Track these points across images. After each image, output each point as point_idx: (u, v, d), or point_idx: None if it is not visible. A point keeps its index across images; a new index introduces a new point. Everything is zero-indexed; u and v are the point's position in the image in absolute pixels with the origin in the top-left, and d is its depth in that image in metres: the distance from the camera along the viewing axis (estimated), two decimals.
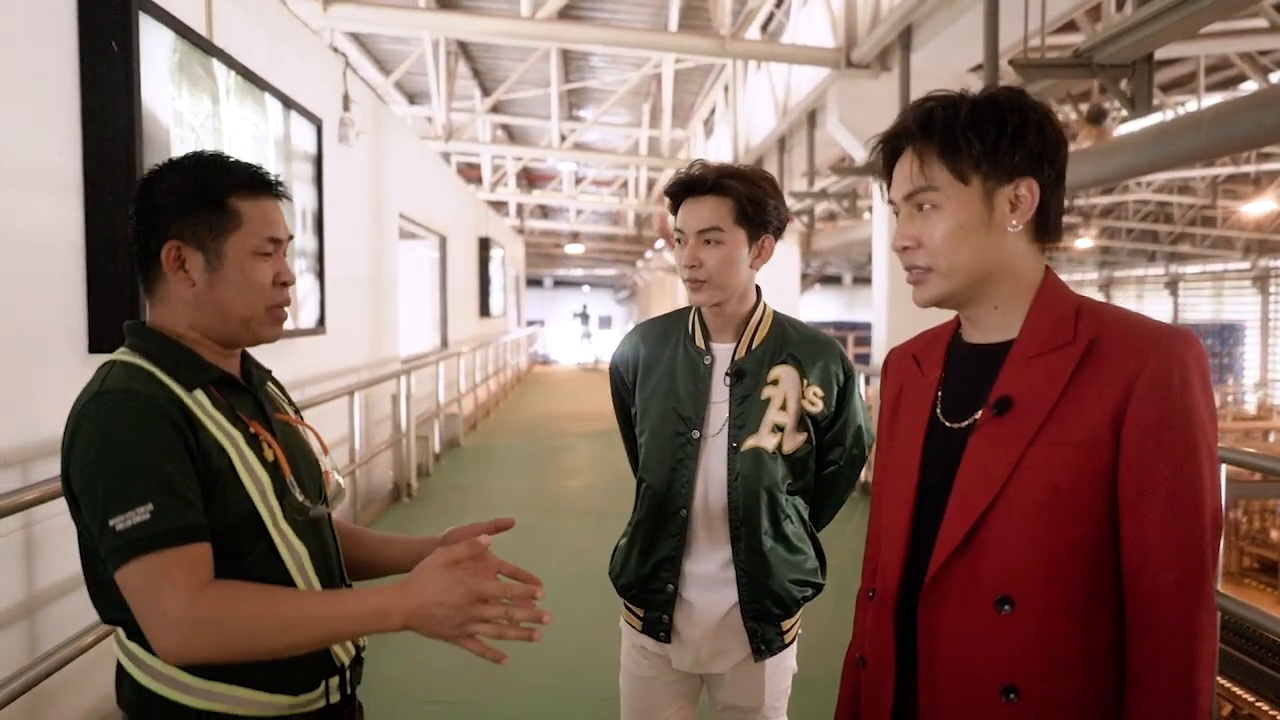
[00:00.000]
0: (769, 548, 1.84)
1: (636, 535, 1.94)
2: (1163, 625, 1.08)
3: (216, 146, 3.78)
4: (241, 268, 1.31)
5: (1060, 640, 1.12)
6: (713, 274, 1.81)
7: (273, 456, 1.32)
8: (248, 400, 1.37)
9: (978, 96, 1.20)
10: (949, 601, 1.17)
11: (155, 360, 1.28)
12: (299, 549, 1.31)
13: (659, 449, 1.89)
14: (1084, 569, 1.12)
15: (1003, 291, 1.21)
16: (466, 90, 14.90)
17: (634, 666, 1.97)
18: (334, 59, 6.33)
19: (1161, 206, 26.33)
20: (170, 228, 1.30)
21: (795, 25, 9.65)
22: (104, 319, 3.11)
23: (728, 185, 1.80)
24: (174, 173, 1.33)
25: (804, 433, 1.86)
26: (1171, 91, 14.45)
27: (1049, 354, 1.15)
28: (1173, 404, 1.09)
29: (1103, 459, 1.11)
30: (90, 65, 3.08)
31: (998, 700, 1.13)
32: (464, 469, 8.78)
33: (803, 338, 1.92)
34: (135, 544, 1.14)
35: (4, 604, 2.73)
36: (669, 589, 1.87)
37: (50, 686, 2.73)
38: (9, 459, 2.73)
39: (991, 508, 1.14)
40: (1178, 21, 3.58)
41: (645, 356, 1.98)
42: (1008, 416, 1.15)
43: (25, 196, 2.82)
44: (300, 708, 1.29)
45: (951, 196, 1.18)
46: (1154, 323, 1.15)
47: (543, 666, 3.91)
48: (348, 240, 6.33)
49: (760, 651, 1.87)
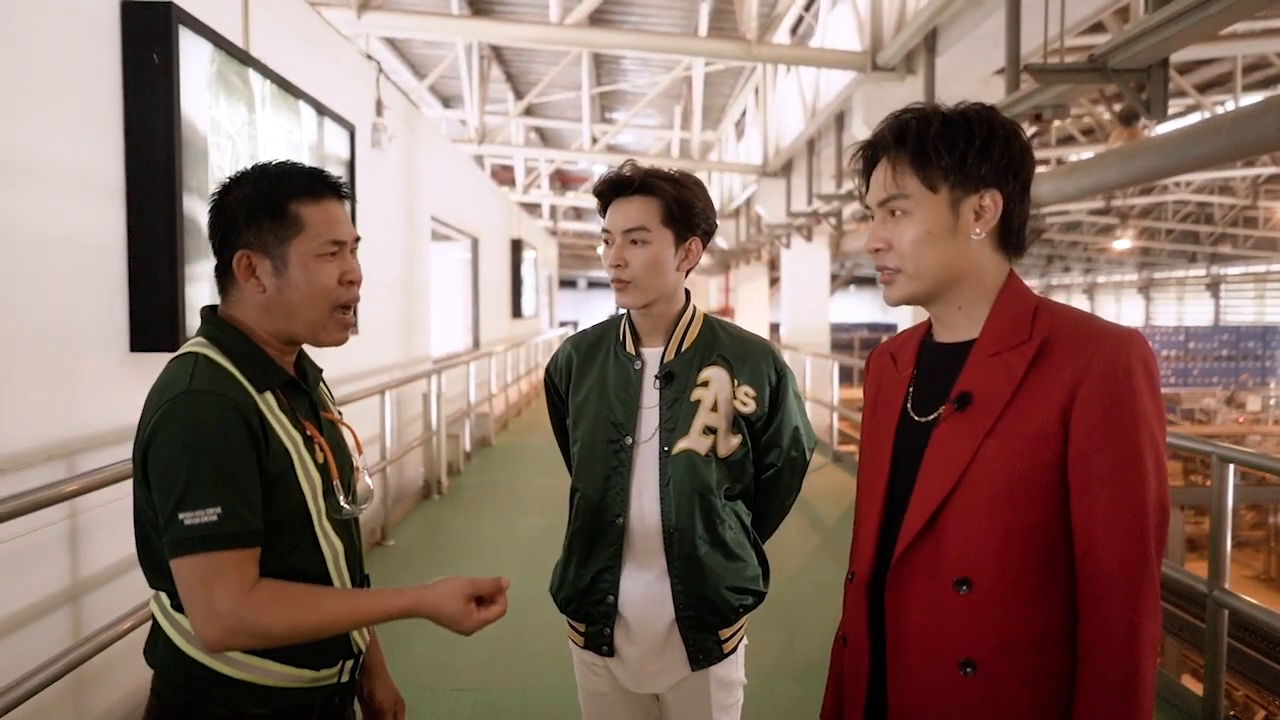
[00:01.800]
0: (704, 553, 1.80)
1: (573, 547, 1.91)
2: (1107, 605, 1.16)
3: (252, 154, 3.94)
4: (306, 271, 1.38)
5: (1014, 618, 1.20)
6: (638, 275, 1.78)
7: (323, 459, 1.42)
8: (304, 401, 1.46)
9: (949, 111, 1.28)
10: (913, 582, 1.26)
11: (231, 356, 1.36)
12: (337, 545, 1.43)
13: (592, 457, 1.87)
14: (1037, 553, 1.20)
15: (966, 293, 1.29)
16: (500, 94, 15.08)
17: (586, 683, 1.95)
18: (367, 65, 6.48)
19: (1202, 207, 25.96)
20: (240, 237, 1.38)
21: (824, 28, 9.70)
22: (144, 319, 3.25)
23: (655, 186, 1.79)
24: (241, 184, 1.41)
25: (738, 434, 1.83)
26: (1209, 91, 14.31)
27: (1006, 352, 1.24)
28: (1117, 399, 1.16)
29: (1053, 450, 1.19)
30: (132, 76, 3.23)
31: (956, 673, 1.22)
32: (494, 467, 8.92)
33: (733, 339, 1.89)
34: (200, 541, 1.25)
35: (50, 590, 2.87)
36: (609, 600, 1.84)
37: (92, 668, 2.88)
38: (55, 452, 2.88)
39: (951, 496, 1.22)
40: (1192, 26, 3.60)
41: (578, 364, 1.96)
42: (968, 411, 1.24)
43: (72, 202, 2.97)
44: (319, 681, 1.41)
45: (921, 204, 1.26)
46: (1103, 323, 1.23)
47: (562, 659, 4.02)
48: (380, 243, 6.47)
49: (698, 661, 1.83)
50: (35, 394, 2.81)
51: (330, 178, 1.45)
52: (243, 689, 1.35)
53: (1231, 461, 3.10)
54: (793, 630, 4.26)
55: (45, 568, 2.85)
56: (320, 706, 1.43)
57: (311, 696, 1.41)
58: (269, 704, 1.37)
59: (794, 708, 3.46)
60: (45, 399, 2.85)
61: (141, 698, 3.21)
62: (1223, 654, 3.16)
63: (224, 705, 1.35)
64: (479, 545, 6.10)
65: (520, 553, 5.70)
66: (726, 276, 24.61)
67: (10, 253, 2.69)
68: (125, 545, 3.18)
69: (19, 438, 2.72)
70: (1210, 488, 3.01)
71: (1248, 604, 3.09)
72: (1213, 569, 3.13)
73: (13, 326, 2.71)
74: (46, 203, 2.84)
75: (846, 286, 32.59)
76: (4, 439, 2.66)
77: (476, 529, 6.56)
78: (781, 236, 14.59)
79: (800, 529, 6.27)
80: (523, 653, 4.08)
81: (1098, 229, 27.51)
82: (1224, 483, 3.09)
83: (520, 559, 5.54)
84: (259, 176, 1.41)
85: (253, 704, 1.36)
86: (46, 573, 2.86)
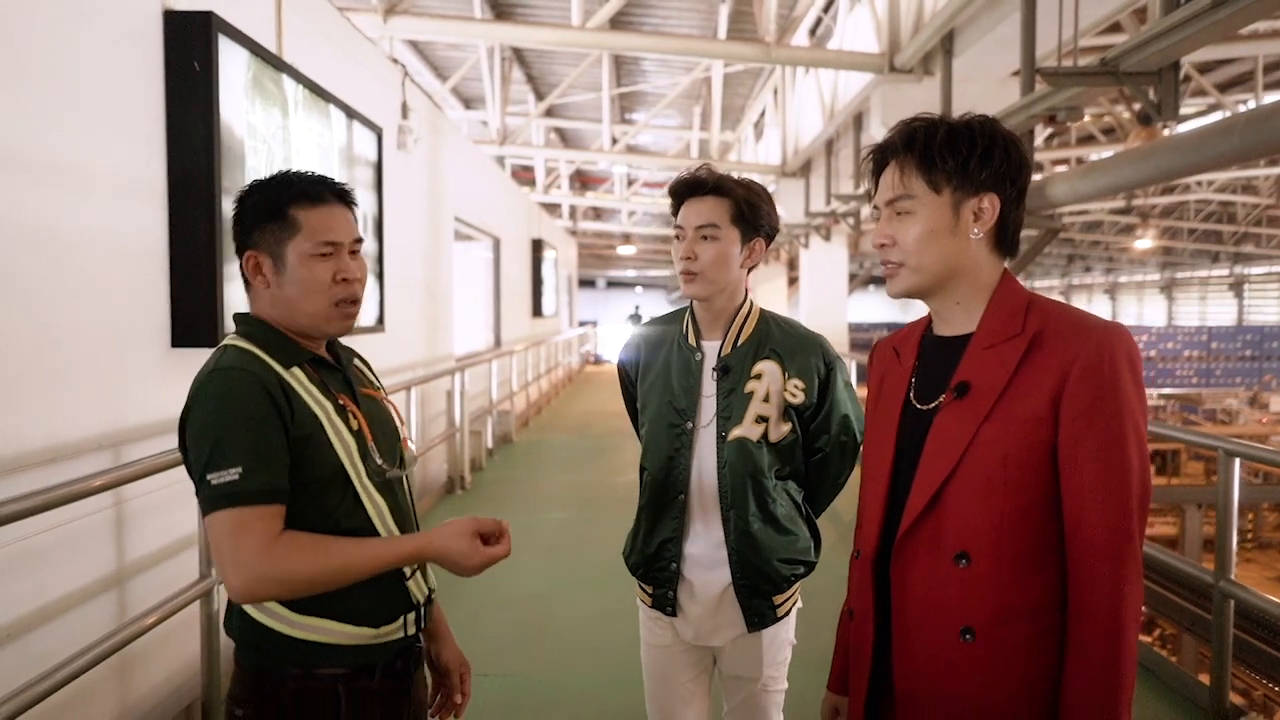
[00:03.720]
0: (757, 529, 1.96)
1: (641, 519, 2.08)
2: (1093, 576, 1.26)
3: (286, 157, 4.08)
4: (302, 269, 1.51)
5: (1010, 589, 1.30)
6: (705, 268, 1.95)
7: (357, 425, 1.55)
8: (338, 377, 1.60)
9: (955, 121, 1.39)
10: (916, 557, 1.36)
11: (258, 342, 1.51)
12: (380, 502, 1.55)
13: (657, 439, 2.03)
14: (1031, 529, 1.30)
15: (963, 289, 1.39)
16: (521, 95, 15.23)
17: (650, 636, 2.12)
18: (393, 69, 6.62)
19: (1224, 206, 25.80)
20: (249, 239, 1.53)
21: (842, 30, 9.77)
22: (184, 317, 3.39)
23: (727, 187, 1.95)
24: (253, 191, 1.55)
25: (789, 422, 1.98)
26: (1230, 90, 14.27)
27: (1001, 344, 1.34)
28: (1103, 387, 1.26)
29: (1045, 434, 1.29)
30: (174, 83, 3.37)
31: (957, 640, 1.32)
32: (515, 464, 9.06)
33: (785, 334, 2.03)
34: (225, 498, 1.38)
35: (97, 574, 3.01)
36: (672, 567, 2.01)
37: (135, 650, 3.02)
38: (103, 442, 3.01)
39: (951, 477, 1.33)
40: (1202, 30, 3.67)
41: (645, 354, 2.13)
42: (966, 399, 1.34)
43: (118, 204, 3.10)
44: (382, 638, 1.53)
45: (925, 204, 1.37)
46: (1092, 317, 1.33)
47: (586, 645, 4.15)
48: (405, 243, 6.61)
49: (754, 624, 2.00)
50: (84, 388, 2.94)
51: (334, 184, 1.57)
52: (311, 649, 1.47)
53: (1238, 456, 3.17)
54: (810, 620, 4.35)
55: (93, 553, 2.99)
56: (386, 665, 1.55)
57: (377, 654, 1.53)
58: (337, 663, 1.49)
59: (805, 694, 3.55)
60: (93, 393, 2.99)
61: (182, 679, 3.37)
62: (1229, 644, 3.24)
63: (296, 665, 1.48)
64: None
65: (543, 546, 5.83)
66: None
67: (62, 253, 2.83)
68: (168, 532, 3.34)
69: (70, 429, 2.86)
70: (1254, 485, 3.09)
71: (1253, 595, 3.16)
72: (1219, 561, 3.21)
73: (64, 324, 2.84)
74: (95, 205, 2.98)
75: (865, 286, 32.56)
76: (57, 430, 2.80)
77: None
78: (800, 236, 14.67)
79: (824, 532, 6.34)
80: (546, 640, 4.21)
81: (1119, 228, 27.38)
82: (1230, 476, 3.16)
83: (543, 552, 5.66)
84: (266, 184, 1.55)
85: (323, 663, 1.48)
86: (94, 557, 2.99)
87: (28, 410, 2.69)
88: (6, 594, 2.58)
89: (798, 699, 2.34)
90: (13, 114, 2.62)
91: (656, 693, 2.13)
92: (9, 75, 2.61)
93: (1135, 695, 2.93)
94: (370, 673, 1.53)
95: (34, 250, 2.71)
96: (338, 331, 1.59)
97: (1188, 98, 13.97)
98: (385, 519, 1.56)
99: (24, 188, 2.67)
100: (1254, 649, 5.41)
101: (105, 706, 3.01)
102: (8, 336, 2.61)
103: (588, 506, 7.01)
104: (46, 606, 2.75)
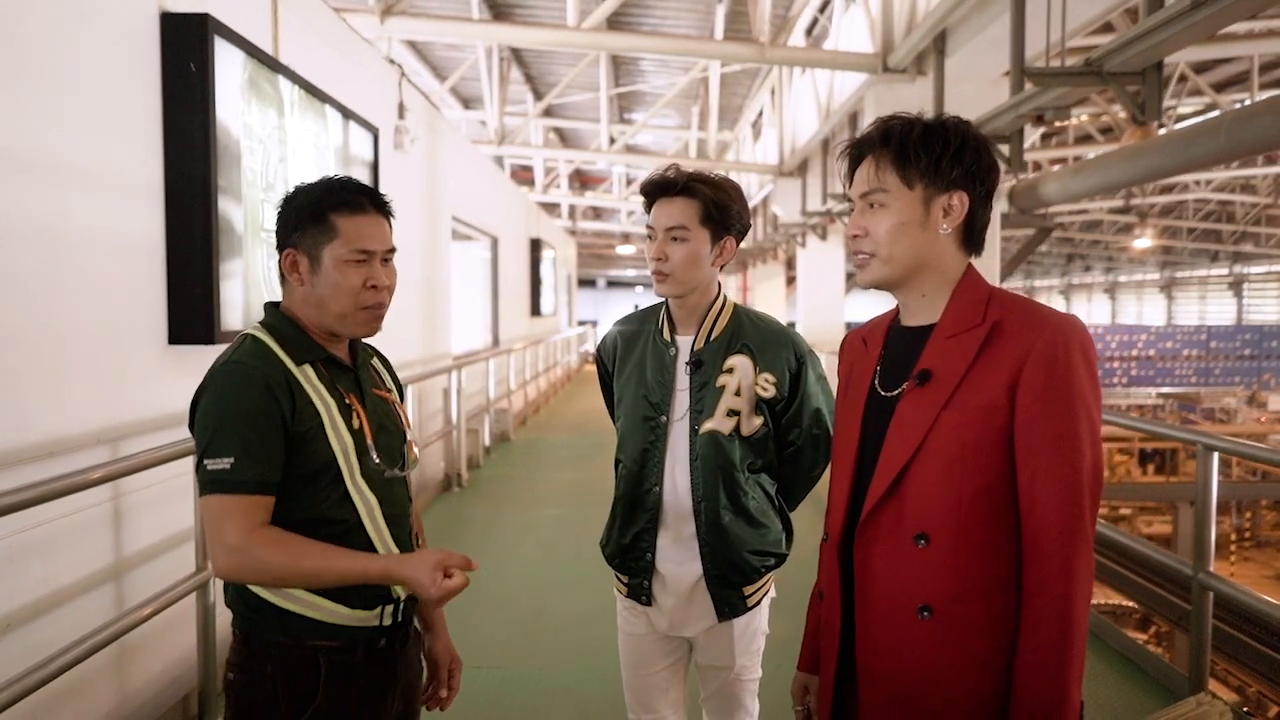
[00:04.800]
0: (728, 521, 2.01)
1: (617, 510, 2.13)
2: (1046, 555, 1.31)
3: (282, 157, 4.13)
4: (335, 272, 1.61)
5: (967, 568, 1.36)
6: (676, 268, 1.98)
7: (358, 424, 1.63)
8: (349, 377, 1.68)
9: (930, 120, 1.45)
10: (879, 538, 1.42)
11: (276, 336, 1.61)
12: (372, 500, 1.63)
13: (632, 432, 2.08)
14: (987, 511, 1.36)
15: (930, 281, 1.45)
16: (519, 95, 15.28)
17: (626, 625, 2.18)
18: (390, 69, 6.67)
19: (1223, 205, 25.85)
20: (290, 238, 1.63)
21: (837, 30, 9.83)
22: (182, 314, 3.44)
23: (695, 188, 1.98)
24: (298, 194, 1.65)
25: (760, 416, 2.03)
26: (1227, 90, 14.32)
27: (962, 334, 1.40)
28: (1056, 375, 1.32)
29: (1001, 420, 1.34)
30: (171, 84, 3.41)
31: (915, 617, 1.38)
32: (513, 462, 9.12)
33: (757, 330, 2.07)
34: (216, 484, 1.49)
35: (94, 566, 3.06)
36: (647, 558, 2.06)
37: (133, 640, 3.07)
38: (101, 437, 3.07)
39: (912, 461, 1.38)
40: (1184, 30, 3.72)
41: (622, 347, 2.18)
42: (927, 386, 1.40)
43: (117, 203, 3.15)
44: (361, 622, 1.61)
45: (898, 198, 1.43)
46: (1048, 310, 1.39)
47: (579, 640, 4.20)
48: (403, 242, 6.61)
49: (724, 614, 2.05)
50: (85, 384, 3.00)
51: (375, 195, 1.67)
52: (296, 621, 1.57)
53: (1216, 450, 3.22)
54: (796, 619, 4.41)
55: (91, 544, 3.04)
56: (367, 645, 1.63)
57: (358, 634, 1.61)
58: (320, 637, 1.58)
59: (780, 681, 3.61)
60: (92, 388, 3.04)
61: (180, 670, 3.42)
62: (1208, 635, 3.29)
63: (283, 634, 1.58)
64: (498, 535, 6.28)
65: (538, 543, 5.88)
66: (744, 275, 24.71)
67: (63, 252, 2.88)
68: (165, 525, 3.40)
69: (69, 424, 2.91)
70: (1240, 483, 3.16)
71: (1231, 587, 3.22)
72: (1197, 553, 3.26)
73: (65, 321, 2.90)
74: (94, 204, 3.03)
75: None
76: (58, 425, 2.85)
77: (495, 520, 6.74)
78: (797, 235, 14.72)
79: (812, 523, 6.40)
80: (539, 634, 4.26)
81: (1118, 228, 27.45)
82: (1209, 471, 3.22)
83: (538, 548, 5.72)
84: (312, 188, 1.64)
85: (307, 635, 1.58)
86: (92, 549, 3.05)
87: (30, 405, 2.74)
88: (7, 584, 2.64)
89: (775, 686, 2.40)
90: (13, 114, 2.68)
91: (633, 680, 2.18)
92: (9, 76, 2.66)
93: (1117, 686, 3.01)
94: (353, 649, 1.61)
95: (36, 249, 2.76)
96: (364, 334, 1.69)
97: (1184, 97, 14.03)
98: (375, 516, 1.64)
99: (25, 187, 2.72)
100: (1242, 644, 5.47)
101: (104, 695, 3.06)
102: (11, 333, 2.66)
103: (584, 504, 7.06)
104: (46, 597, 2.80)
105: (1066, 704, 1.30)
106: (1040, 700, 1.30)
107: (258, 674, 1.58)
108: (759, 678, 2.19)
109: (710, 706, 2.19)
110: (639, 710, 2.17)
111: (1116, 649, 3.96)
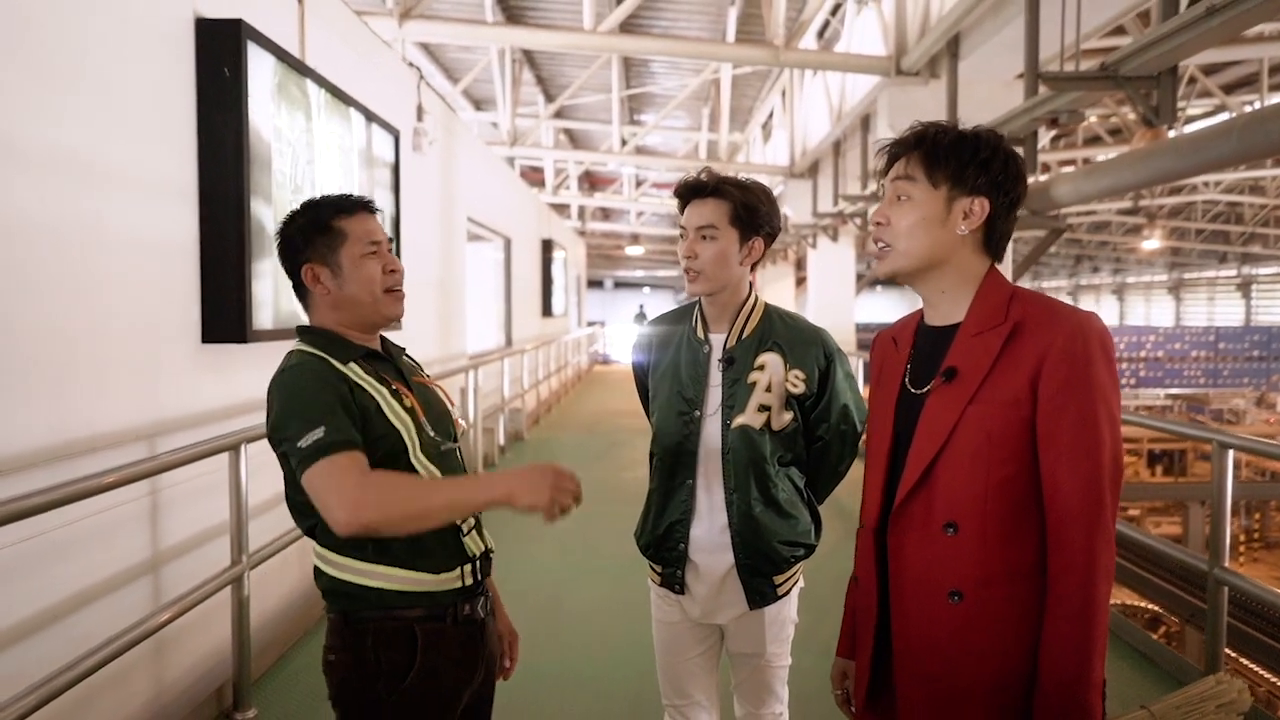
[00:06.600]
0: (759, 512, 2.08)
1: (651, 501, 2.21)
2: (1068, 542, 1.39)
3: (310, 160, 4.21)
4: (356, 268, 1.75)
5: (993, 554, 1.43)
6: (705, 266, 2.07)
7: (410, 405, 1.76)
8: (390, 367, 1.82)
9: (965, 130, 1.54)
10: (910, 527, 1.50)
11: (319, 346, 1.73)
12: (435, 472, 1.75)
13: (666, 426, 2.16)
14: (1013, 500, 1.43)
15: (948, 279, 1.53)
16: (531, 96, 15.36)
17: (659, 614, 2.25)
18: (408, 72, 6.75)
19: (1232, 207, 25.82)
20: (302, 255, 1.76)
21: (850, 33, 9.89)
22: (215, 314, 3.52)
23: (726, 190, 2.07)
24: (297, 215, 1.78)
25: (790, 411, 2.10)
26: (1237, 91, 14.34)
27: (986, 333, 1.47)
28: (1076, 369, 1.40)
29: (1024, 413, 1.42)
30: (205, 88, 3.50)
31: (946, 602, 1.45)
32: (527, 460, 9.14)
33: (787, 328, 2.15)
34: (316, 452, 1.57)
35: (133, 560, 3.14)
36: (680, 548, 2.13)
37: (170, 633, 3.15)
38: (139, 434, 3.15)
39: (940, 454, 1.46)
40: (1199, 36, 3.78)
41: (657, 346, 2.26)
42: (954, 383, 1.47)
43: (153, 206, 3.23)
44: (443, 585, 1.73)
45: (922, 194, 1.51)
46: (1067, 307, 1.46)
47: (596, 635, 4.28)
48: (421, 242, 6.73)
49: (755, 602, 2.12)
50: (122, 381, 3.08)
51: (359, 197, 1.82)
52: (384, 595, 1.69)
53: (1230, 448, 3.28)
54: (820, 612, 4.47)
55: (129, 539, 3.12)
56: (454, 609, 1.75)
57: (443, 600, 1.73)
58: (411, 606, 1.71)
59: (808, 680, 3.67)
60: (129, 386, 3.12)
61: (214, 661, 3.50)
62: (1223, 629, 3.35)
63: (375, 609, 1.70)
64: (514, 533, 6.34)
65: (554, 542, 5.95)
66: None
67: (102, 253, 2.96)
68: (200, 520, 3.48)
69: (108, 420, 2.99)
70: (1249, 484, 3.22)
71: (1246, 581, 3.28)
72: (1213, 549, 3.32)
73: (104, 321, 2.97)
74: (131, 206, 3.11)
75: (872, 287, 32.63)
76: (97, 421, 2.93)
77: (511, 516, 6.77)
78: (808, 237, 14.78)
79: (826, 519, 6.46)
80: (558, 630, 4.34)
81: (1126, 229, 27.43)
82: (1224, 468, 3.27)
83: (554, 547, 5.78)
84: (307, 207, 1.79)
85: (398, 607, 1.70)
86: (130, 544, 3.13)
87: (72, 402, 2.82)
88: (50, 577, 2.71)
89: (805, 674, 2.46)
90: (56, 119, 2.75)
91: (667, 667, 2.26)
92: (51, 81, 2.74)
93: (1131, 679, 3.10)
94: (442, 617, 1.73)
95: (76, 250, 2.84)
96: (395, 314, 1.82)
97: (1194, 99, 14.05)
98: None
99: (66, 190, 2.79)
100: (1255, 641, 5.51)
101: (141, 686, 3.14)
102: (53, 332, 2.74)
103: (598, 501, 7.08)
104: (86, 590, 2.88)
105: (1090, 678, 1.37)
106: (1065, 674, 1.37)
107: (359, 650, 1.69)
108: (789, 665, 2.26)
109: (742, 693, 2.26)
110: (673, 696, 2.24)
111: (1130, 643, 4.02)
